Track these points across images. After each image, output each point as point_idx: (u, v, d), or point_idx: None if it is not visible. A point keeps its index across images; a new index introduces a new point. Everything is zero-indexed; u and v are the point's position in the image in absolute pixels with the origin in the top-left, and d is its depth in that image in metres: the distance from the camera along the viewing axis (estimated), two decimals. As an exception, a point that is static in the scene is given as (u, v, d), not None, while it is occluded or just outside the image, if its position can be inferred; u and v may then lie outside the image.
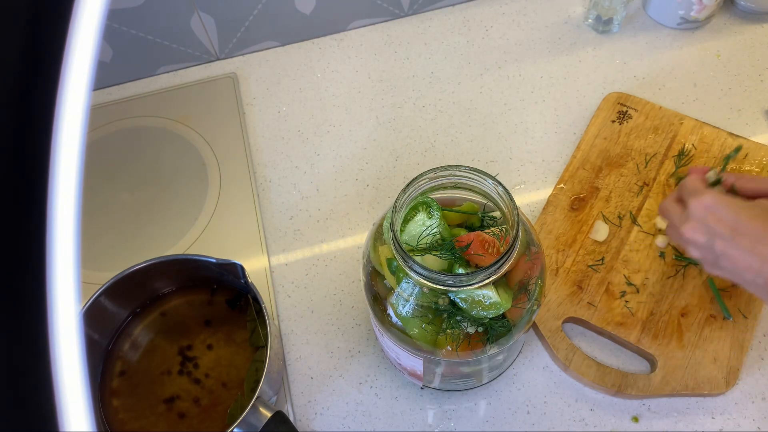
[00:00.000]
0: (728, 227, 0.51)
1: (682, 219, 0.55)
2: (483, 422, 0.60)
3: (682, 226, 0.54)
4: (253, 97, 0.83)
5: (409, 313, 0.49)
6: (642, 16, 0.86)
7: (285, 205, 0.74)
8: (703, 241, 0.52)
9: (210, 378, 0.60)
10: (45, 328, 0.20)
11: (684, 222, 0.54)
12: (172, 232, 0.72)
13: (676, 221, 0.56)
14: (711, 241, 0.52)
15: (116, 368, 0.61)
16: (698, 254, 0.54)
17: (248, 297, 0.62)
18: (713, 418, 0.58)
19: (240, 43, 0.85)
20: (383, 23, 0.88)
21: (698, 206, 0.53)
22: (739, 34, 0.83)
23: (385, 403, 0.61)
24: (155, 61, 0.85)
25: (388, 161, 0.76)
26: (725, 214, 0.51)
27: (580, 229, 0.67)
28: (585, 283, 0.64)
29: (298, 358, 0.64)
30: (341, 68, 0.85)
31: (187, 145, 0.79)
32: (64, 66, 0.21)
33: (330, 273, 0.69)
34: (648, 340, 0.60)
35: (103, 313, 0.60)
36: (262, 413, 0.53)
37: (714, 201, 0.52)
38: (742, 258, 0.50)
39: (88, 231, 0.72)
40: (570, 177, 0.71)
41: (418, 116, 0.80)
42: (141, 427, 0.58)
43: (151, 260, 0.59)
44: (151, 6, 0.77)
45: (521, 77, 0.81)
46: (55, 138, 0.21)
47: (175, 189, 0.76)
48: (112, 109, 0.83)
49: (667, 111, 0.75)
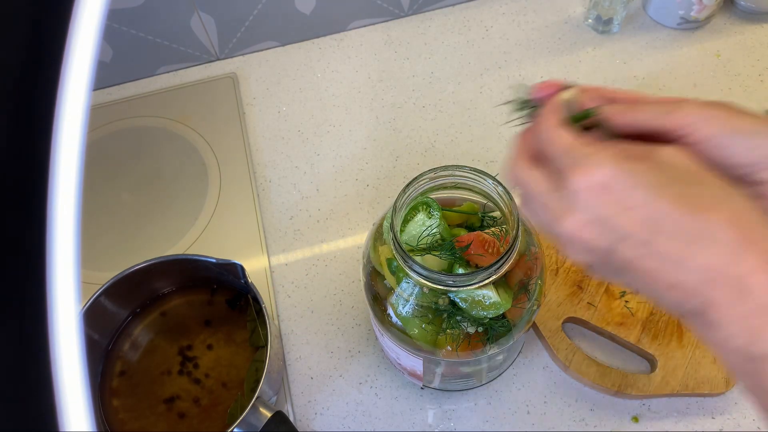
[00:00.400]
0: (643, 223, 0.31)
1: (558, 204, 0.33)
2: (483, 422, 0.60)
3: (561, 218, 0.33)
4: (253, 97, 0.83)
5: (409, 313, 0.49)
6: (642, 16, 0.85)
7: (285, 205, 0.74)
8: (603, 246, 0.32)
9: (210, 378, 0.60)
10: (45, 328, 0.20)
11: (565, 211, 0.33)
12: (172, 232, 0.72)
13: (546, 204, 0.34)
14: (613, 245, 0.32)
15: (116, 368, 0.61)
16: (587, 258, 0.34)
17: (248, 297, 0.62)
18: (713, 418, 0.58)
19: (240, 43, 0.85)
20: (383, 23, 0.88)
21: (587, 187, 0.32)
22: (739, 34, 0.83)
23: (385, 403, 0.61)
24: (155, 61, 0.85)
25: (388, 161, 0.76)
26: (634, 197, 0.31)
27: (580, 229, 0.67)
28: (585, 283, 0.64)
29: (298, 358, 0.64)
30: (341, 68, 0.85)
31: (187, 145, 0.79)
32: (64, 66, 0.21)
33: (330, 273, 0.69)
34: (648, 340, 0.60)
35: (103, 313, 0.60)
36: (262, 413, 0.53)
37: (613, 176, 0.31)
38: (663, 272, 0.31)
39: (88, 231, 0.72)
40: (570, 177, 0.71)
41: (418, 116, 0.80)
42: (141, 427, 0.58)
43: (151, 260, 0.59)
44: (151, 6, 0.77)
45: (521, 77, 0.81)
46: (55, 138, 0.21)
47: (175, 189, 0.76)
48: (112, 109, 0.83)
49: (667, 111, 0.74)
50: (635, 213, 0.31)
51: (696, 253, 0.30)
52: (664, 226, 0.30)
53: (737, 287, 0.29)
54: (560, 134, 0.34)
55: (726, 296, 0.29)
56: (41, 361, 0.20)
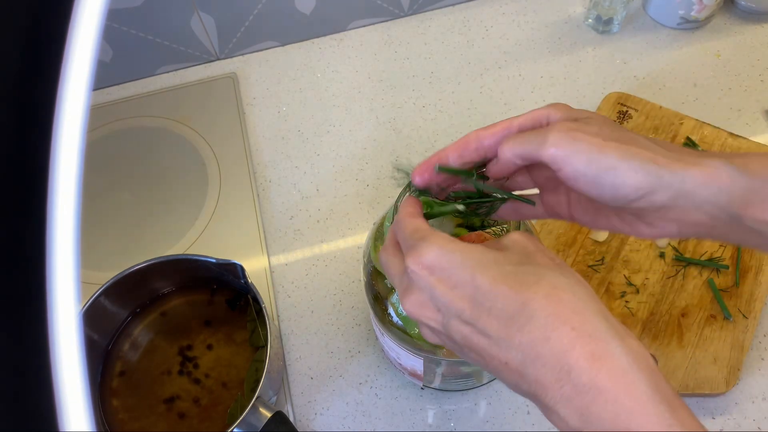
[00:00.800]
0: (468, 300, 0.32)
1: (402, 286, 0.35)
2: (483, 422, 0.60)
3: (403, 298, 0.35)
4: (253, 97, 0.83)
5: (409, 313, 0.49)
6: (642, 16, 0.85)
7: (285, 205, 0.74)
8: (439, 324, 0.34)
9: (210, 378, 0.60)
10: (45, 328, 0.20)
11: (405, 291, 0.35)
12: (172, 232, 0.72)
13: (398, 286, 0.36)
14: (446, 323, 0.33)
15: (116, 368, 0.61)
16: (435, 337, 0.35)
17: (248, 297, 0.62)
18: (713, 418, 0.58)
19: (240, 43, 0.85)
20: (383, 23, 0.88)
21: (417, 269, 0.33)
22: (739, 34, 0.83)
23: (385, 403, 0.61)
24: (155, 61, 0.85)
25: (388, 161, 0.76)
26: (458, 276, 0.32)
27: (580, 229, 0.67)
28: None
29: (298, 358, 0.64)
30: (341, 68, 0.85)
31: (187, 145, 0.79)
32: (64, 66, 0.21)
33: (330, 273, 0.69)
34: (648, 341, 0.60)
35: (103, 313, 0.60)
36: (262, 413, 0.53)
37: (438, 257, 0.33)
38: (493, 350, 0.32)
39: (88, 231, 0.72)
40: (570, 177, 0.71)
41: (418, 116, 0.80)
42: (141, 427, 0.58)
43: (151, 260, 0.59)
44: (151, 6, 0.77)
45: (521, 77, 0.81)
46: (55, 138, 0.21)
47: (175, 189, 0.76)
48: (112, 109, 0.83)
49: (667, 111, 0.75)
50: (460, 291, 0.32)
51: (515, 330, 0.30)
52: (485, 303, 0.31)
53: (557, 366, 0.29)
54: (407, 222, 0.36)
55: (550, 376, 0.30)
56: (41, 361, 0.20)
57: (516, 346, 0.30)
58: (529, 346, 0.30)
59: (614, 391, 0.28)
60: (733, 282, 0.63)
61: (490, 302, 0.31)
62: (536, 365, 0.30)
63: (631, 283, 0.63)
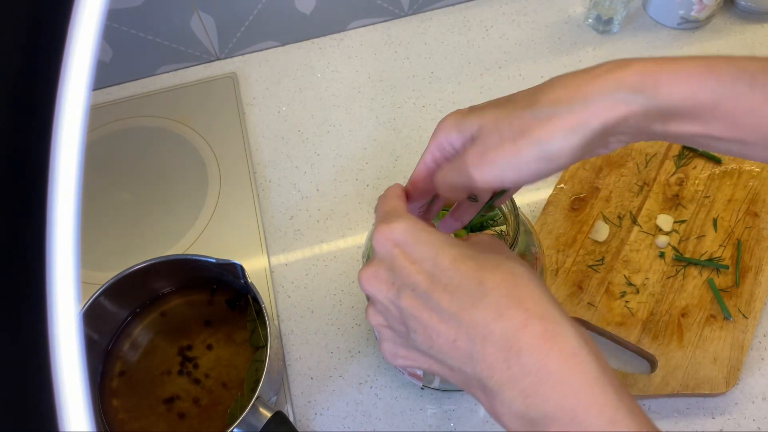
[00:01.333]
0: (424, 275, 0.32)
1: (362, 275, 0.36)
2: (483, 422, 0.60)
3: (362, 270, 0.35)
4: (253, 97, 0.83)
5: (409, 313, 0.49)
6: (642, 16, 0.86)
7: (285, 205, 0.74)
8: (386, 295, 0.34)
9: (210, 378, 0.60)
10: (45, 328, 0.20)
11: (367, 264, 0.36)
12: (172, 232, 0.72)
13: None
14: (399, 294, 0.33)
15: (116, 368, 0.61)
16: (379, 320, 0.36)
17: (248, 297, 0.62)
18: (713, 418, 0.58)
19: (240, 43, 0.85)
20: (383, 23, 0.88)
21: (383, 239, 0.34)
22: (739, 34, 0.83)
23: (385, 403, 0.61)
24: (155, 61, 0.85)
25: (388, 161, 0.76)
26: (420, 252, 0.33)
27: (580, 229, 0.67)
28: (585, 283, 0.64)
29: (298, 358, 0.64)
30: (341, 68, 0.85)
31: (187, 145, 0.79)
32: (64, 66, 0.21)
33: (330, 273, 0.69)
34: (648, 341, 0.60)
35: (103, 313, 0.60)
36: (262, 413, 0.53)
37: (405, 232, 0.34)
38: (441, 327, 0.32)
39: (88, 231, 0.72)
40: (570, 177, 0.71)
41: (418, 116, 0.80)
42: (141, 427, 0.58)
43: (151, 260, 0.59)
44: (151, 6, 0.77)
45: (521, 77, 0.81)
46: (55, 138, 0.21)
47: (175, 189, 0.76)
48: (112, 109, 0.83)
49: (667, 111, 0.74)
50: (419, 266, 0.33)
51: (467, 309, 0.31)
52: (442, 280, 0.32)
53: (507, 345, 0.29)
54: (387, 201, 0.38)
55: (498, 356, 0.30)
56: (41, 361, 0.20)
57: (467, 322, 0.31)
58: (480, 323, 0.30)
59: (563, 372, 0.29)
60: (733, 282, 0.63)
61: (447, 279, 0.32)
62: (485, 344, 0.30)
63: (631, 283, 0.63)
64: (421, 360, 0.35)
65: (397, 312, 0.34)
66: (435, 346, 0.32)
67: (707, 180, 0.69)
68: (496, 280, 0.31)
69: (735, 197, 0.68)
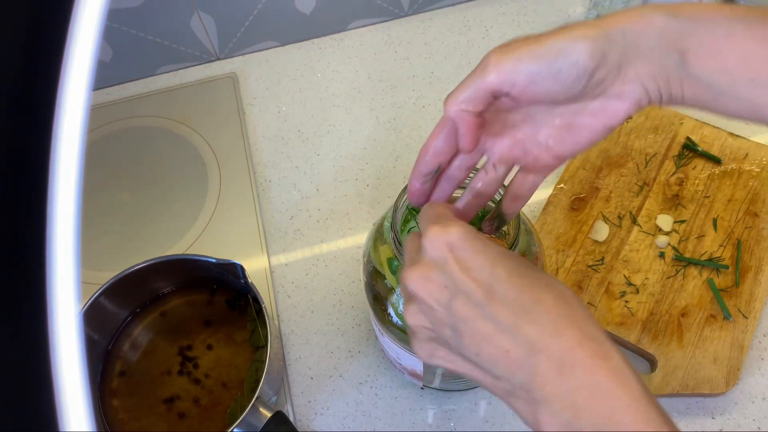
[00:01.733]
0: (480, 285, 0.32)
1: (413, 259, 0.35)
2: (483, 422, 0.60)
3: (408, 268, 0.35)
4: (253, 97, 0.83)
5: (409, 313, 0.49)
6: (642, 16, 0.85)
7: (285, 205, 0.74)
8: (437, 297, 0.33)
9: (210, 378, 0.60)
10: (45, 328, 0.20)
11: (414, 262, 0.35)
12: (172, 232, 0.72)
13: (406, 261, 0.36)
14: (451, 300, 0.33)
15: (116, 368, 0.61)
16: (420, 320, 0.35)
17: (248, 297, 0.62)
18: (713, 418, 0.58)
19: (240, 43, 0.85)
20: (383, 23, 0.88)
21: (438, 241, 0.33)
22: (739, 34, 0.82)
23: (385, 403, 0.61)
24: (155, 61, 0.85)
25: (388, 161, 0.76)
26: (477, 261, 0.33)
27: (580, 229, 0.67)
28: (585, 283, 0.64)
29: (298, 358, 0.64)
30: (341, 68, 0.85)
31: (187, 145, 0.79)
32: (64, 66, 0.21)
33: (330, 273, 0.69)
34: (648, 340, 0.60)
35: (103, 313, 0.60)
36: (262, 413, 0.53)
37: (461, 238, 0.33)
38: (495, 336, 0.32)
39: (88, 231, 0.72)
40: (570, 177, 0.71)
41: (418, 116, 0.80)
42: (141, 427, 0.58)
43: (151, 260, 0.59)
44: (151, 6, 0.77)
45: (521, 77, 0.81)
46: (55, 138, 0.21)
47: (175, 189, 0.76)
48: (112, 109, 0.83)
49: (667, 111, 0.75)
50: (475, 274, 0.33)
51: (524, 323, 0.31)
52: (498, 292, 0.32)
53: (561, 361, 0.31)
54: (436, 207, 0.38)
55: (553, 371, 0.31)
56: (41, 361, 0.20)
57: (523, 335, 0.31)
58: (537, 338, 0.31)
59: (613, 388, 0.30)
60: (733, 282, 0.63)
61: (504, 291, 0.32)
62: (540, 358, 0.31)
63: (631, 283, 0.63)
64: (462, 364, 0.35)
65: (446, 316, 0.33)
66: (483, 354, 0.32)
67: (707, 180, 0.69)
68: (551, 300, 0.32)
69: (735, 197, 0.68)
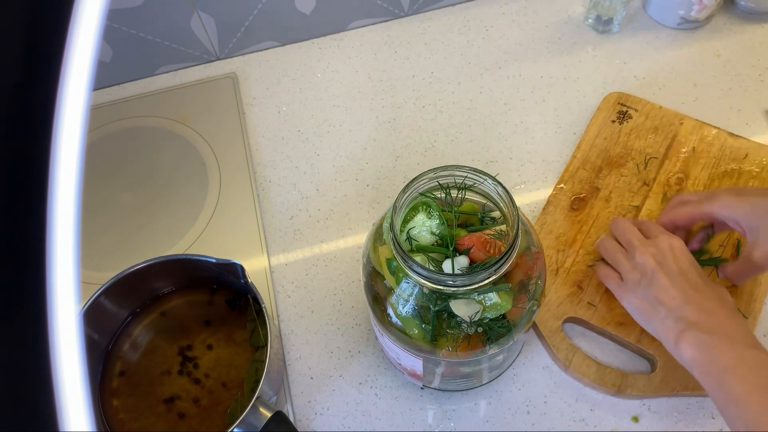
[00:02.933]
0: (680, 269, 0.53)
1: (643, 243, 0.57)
2: (483, 422, 0.60)
3: (638, 249, 0.56)
4: (253, 97, 0.83)
5: (409, 313, 0.49)
6: (642, 16, 0.85)
7: (285, 205, 0.74)
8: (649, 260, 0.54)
9: (210, 378, 0.60)
10: (45, 328, 0.20)
11: (647, 245, 0.56)
12: (172, 232, 0.72)
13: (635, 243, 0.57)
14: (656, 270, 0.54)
15: (116, 368, 0.61)
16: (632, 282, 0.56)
17: (248, 297, 0.62)
18: (713, 418, 0.58)
19: (240, 43, 0.85)
20: (383, 23, 0.88)
21: (667, 241, 0.55)
22: (739, 34, 0.83)
23: (385, 403, 0.61)
24: (155, 61, 0.85)
25: (388, 161, 0.76)
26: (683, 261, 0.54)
27: (580, 229, 0.67)
28: (585, 283, 0.64)
29: (298, 358, 0.64)
30: (341, 68, 0.85)
31: (187, 145, 0.79)
32: (64, 66, 0.21)
33: (330, 273, 0.69)
34: (648, 340, 0.60)
35: (103, 313, 0.60)
36: (262, 413, 0.53)
37: (681, 246, 0.55)
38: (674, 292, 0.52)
39: (88, 231, 0.72)
40: (570, 177, 0.71)
41: (418, 116, 0.80)
42: (141, 427, 0.58)
43: (151, 260, 0.59)
44: (151, 6, 0.77)
45: (521, 77, 0.81)
46: (55, 138, 0.21)
47: (175, 189, 0.76)
48: (112, 109, 0.83)
49: (668, 111, 0.75)
50: (677, 264, 0.54)
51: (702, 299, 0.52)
52: (691, 280, 0.53)
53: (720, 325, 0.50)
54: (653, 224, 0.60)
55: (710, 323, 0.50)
56: (41, 361, 0.20)
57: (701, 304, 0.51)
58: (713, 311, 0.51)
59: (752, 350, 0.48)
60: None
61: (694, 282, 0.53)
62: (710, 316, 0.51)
63: (631, 283, 0.63)
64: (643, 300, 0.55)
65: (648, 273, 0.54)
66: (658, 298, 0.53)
67: (707, 180, 0.69)
68: (728, 299, 0.54)
69: (735, 197, 0.67)
